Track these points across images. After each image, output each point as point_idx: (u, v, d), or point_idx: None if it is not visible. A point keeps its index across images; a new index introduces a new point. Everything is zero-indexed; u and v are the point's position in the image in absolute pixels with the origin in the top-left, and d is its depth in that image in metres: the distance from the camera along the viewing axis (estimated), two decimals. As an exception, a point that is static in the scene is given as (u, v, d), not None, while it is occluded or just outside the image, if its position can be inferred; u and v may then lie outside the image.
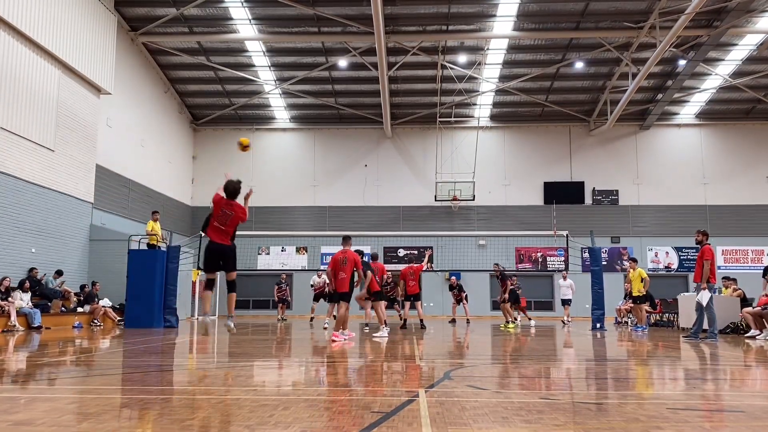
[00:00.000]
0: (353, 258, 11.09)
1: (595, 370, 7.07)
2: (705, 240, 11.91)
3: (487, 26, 21.89)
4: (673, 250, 27.32)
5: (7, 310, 13.82)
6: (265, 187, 28.45)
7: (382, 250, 27.10)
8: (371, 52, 22.38)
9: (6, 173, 15.29)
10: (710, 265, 11.56)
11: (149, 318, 15.57)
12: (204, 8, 20.95)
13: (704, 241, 11.91)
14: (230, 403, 4.39)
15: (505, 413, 4.01)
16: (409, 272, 14.92)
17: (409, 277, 14.88)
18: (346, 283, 10.92)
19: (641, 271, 16.40)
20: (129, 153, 22.42)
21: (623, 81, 24.24)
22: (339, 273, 10.94)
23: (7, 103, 15.32)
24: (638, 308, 16.28)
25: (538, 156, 28.22)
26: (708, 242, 11.92)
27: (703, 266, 11.57)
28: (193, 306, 22.10)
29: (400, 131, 28.57)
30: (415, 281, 14.94)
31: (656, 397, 4.88)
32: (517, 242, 26.82)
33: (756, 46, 22.81)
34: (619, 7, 20.81)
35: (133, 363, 7.36)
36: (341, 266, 10.95)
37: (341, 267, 10.95)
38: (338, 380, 5.95)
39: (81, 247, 18.61)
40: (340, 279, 10.91)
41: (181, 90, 26.66)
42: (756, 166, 27.64)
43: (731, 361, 8.18)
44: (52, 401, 4.53)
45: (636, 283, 16.05)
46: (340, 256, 11.07)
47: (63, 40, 17.23)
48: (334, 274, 11.09)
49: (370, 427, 3.55)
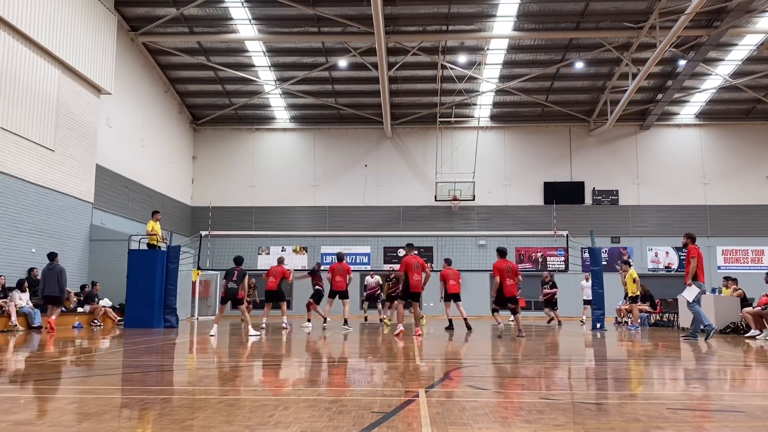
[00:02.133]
0: (423, 262, 12.49)
1: (595, 370, 7.07)
2: (690, 242, 12.08)
3: (487, 26, 21.89)
4: (673, 250, 27.32)
5: (7, 310, 13.82)
6: (265, 187, 28.50)
7: (382, 250, 27.12)
8: (371, 52, 22.39)
9: (6, 173, 15.29)
10: (697, 263, 11.74)
11: (149, 318, 15.56)
12: (204, 8, 20.95)
13: (689, 243, 12.09)
14: (230, 403, 4.39)
15: (505, 413, 4.01)
16: (449, 273, 15.17)
17: (450, 277, 15.08)
18: (419, 285, 12.20)
19: (632, 272, 17.10)
20: (129, 153, 22.42)
21: (623, 81, 24.25)
22: (413, 275, 12.07)
23: (7, 103, 15.32)
24: (633, 307, 16.91)
25: (538, 156, 28.22)
26: (695, 244, 12.06)
27: (690, 264, 11.82)
28: (193, 306, 22.09)
29: (400, 131, 28.58)
30: (455, 281, 15.08)
31: (656, 397, 4.88)
32: (517, 242, 26.79)
33: (756, 46, 22.81)
34: (619, 7, 20.81)
35: (133, 363, 7.36)
36: (415, 269, 12.14)
37: (415, 270, 12.14)
38: (338, 380, 5.95)
39: (81, 247, 18.60)
40: (416, 281, 12.08)
41: (181, 90, 26.66)
42: (756, 166, 27.64)
43: (731, 361, 8.18)
44: (52, 401, 4.53)
45: (630, 284, 16.79)
46: (414, 261, 12.20)
47: (63, 40, 17.22)
48: (406, 275, 12.12)
49: (370, 427, 3.55)
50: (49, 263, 14.12)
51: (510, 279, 12.50)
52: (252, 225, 27.63)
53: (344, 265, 15.19)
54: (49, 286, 13.81)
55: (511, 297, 12.57)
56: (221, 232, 21.56)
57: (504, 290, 12.45)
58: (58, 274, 13.93)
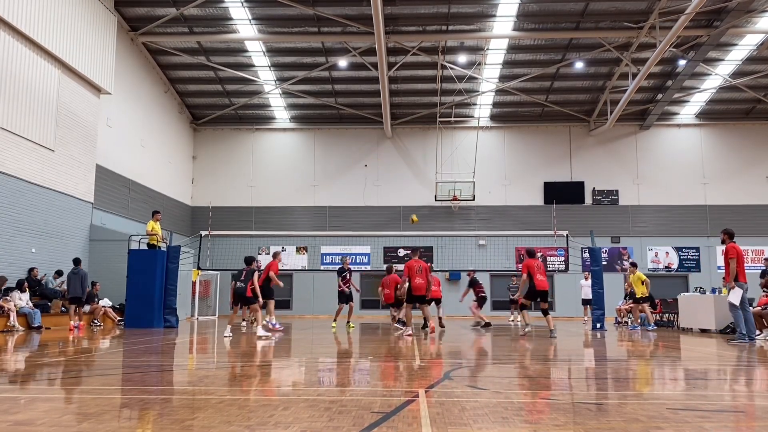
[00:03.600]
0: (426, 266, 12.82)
1: (595, 370, 7.07)
2: (728, 239, 11.34)
3: (487, 26, 21.89)
4: (673, 250, 27.33)
5: (7, 310, 13.82)
6: (265, 187, 28.50)
7: (381, 250, 27.12)
8: (371, 52, 22.39)
9: (6, 173, 15.29)
10: (737, 263, 11.05)
11: (149, 318, 15.58)
12: (204, 8, 20.95)
13: (727, 240, 11.35)
14: (230, 403, 4.39)
15: (505, 413, 4.01)
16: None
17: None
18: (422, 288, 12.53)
19: (640, 274, 17.03)
20: (129, 153, 22.43)
21: (623, 81, 24.25)
22: (416, 279, 12.42)
23: (7, 103, 15.32)
24: (636, 308, 16.98)
25: (538, 156, 28.22)
26: (733, 241, 11.33)
27: (729, 265, 11.10)
28: (193, 306, 22.08)
29: (400, 131, 28.58)
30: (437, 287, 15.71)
31: (656, 397, 4.88)
32: (517, 242, 26.79)
33: (756, 46, 22.81)
34: (619, 7, 20.81)
35: (133, 363, 7.36)
36: (417, 273, 12.49)
37: (418, 273, 12.49)
38: (338, 380, 5.95)
39: (81, 247, 18.60)
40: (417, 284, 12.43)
41: (181, 90, 26.66)
42: (756, 166, 27.64)
43: (731, 361, 8.18)
44: (52, 401, 4.53)
45: (638, 286, 16.68)
46: (416, 265, 12.56)
47: (63, 40, 17.23)
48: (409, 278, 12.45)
49: (370, 427, 3.55)
50: (74, 268, 15.37)
51: (541, 275, 12.77)
52: (252, 225, 27.64)
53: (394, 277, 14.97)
54: (73, 288, 15.09)
55: (542, 291, 12.81)
56: (221, 232, 21.55)
57: (536, 284, 12.66)
58: (82, 277, 15.18)
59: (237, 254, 22.06)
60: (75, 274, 15.21)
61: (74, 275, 15.19)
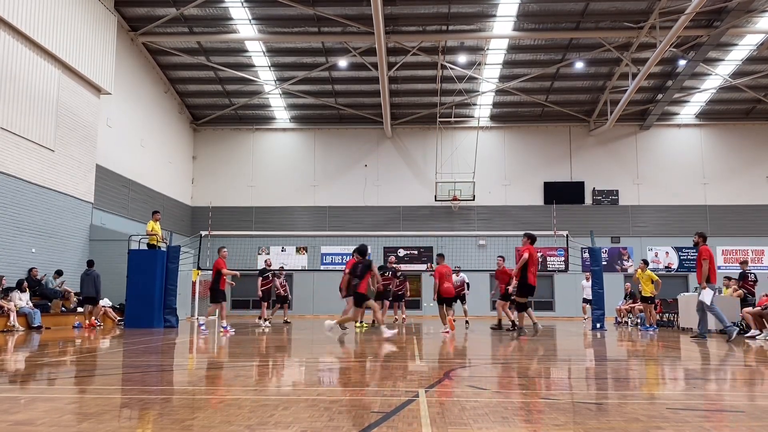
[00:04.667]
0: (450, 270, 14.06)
1: (595, 370, 7.07)
2: (702, 242, 12.14)
3: (487, 26, 21.89)
4: (673, 250, 27.32)
5: (7, 310, 13.82)
6: (265, 187, 28.51)
7: (381, 250, 27.10)
8: (371, 52, 22.39)
9: (6, 173, 15.29)
10: (709, 265, 11.79)
11: (149, 318, 15.57)
12: (204, 8, 20.95)
13: (700, 243, 12.14)
14: (230, 403, 4.39)
15: (505, 413, 4.01)
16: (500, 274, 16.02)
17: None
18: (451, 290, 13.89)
19: (650, 273, 16.55)
20: (129, 153, 22.42)
21: (623, 81, 24.24)
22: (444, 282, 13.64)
23: (7, 103, 15.32)
24: (648, 308, 16.40)
25: (538, 156, 28.22)
26: (705, 243, 12.13)
27: (702, 266, 11.80)
28: (192, 306, 22.06)
29: (400, 131, 28.58)
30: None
31: (656, 397, 4.88)
32: (517, 242, 26.72)
33: (756, 46, 22.81)
34: (619, 7, 20.81)
35: (133, 363, 7.36)
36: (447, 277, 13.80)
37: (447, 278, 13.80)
38: (338, 380, 5.95)
39: (81, 247, 18.61)
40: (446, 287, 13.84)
41: (181, 90, 26.66)
42: (756, 166, 27.64)
43: (731, 361, 8.18)
44: (52, 401, 4.53)
45: (647, 284, 16.17)
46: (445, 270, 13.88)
47: (63, 40, 17.22)
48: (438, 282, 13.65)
49: (370, 427, 3.55)
50: (87, 269, 16.09)
51: (535, 269, 11.94)
52: (252, 225, 27.64)
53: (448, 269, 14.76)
54: (86, 288, 15.84)
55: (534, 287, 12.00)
56: (221, 232, 21.54)
57: (530, 278, 11.74)
58: (95, 278, 15.84)
59: (237, 254, 22.09)
60: (88, 275, 15.85)
61: (87, 276, 15.83)
